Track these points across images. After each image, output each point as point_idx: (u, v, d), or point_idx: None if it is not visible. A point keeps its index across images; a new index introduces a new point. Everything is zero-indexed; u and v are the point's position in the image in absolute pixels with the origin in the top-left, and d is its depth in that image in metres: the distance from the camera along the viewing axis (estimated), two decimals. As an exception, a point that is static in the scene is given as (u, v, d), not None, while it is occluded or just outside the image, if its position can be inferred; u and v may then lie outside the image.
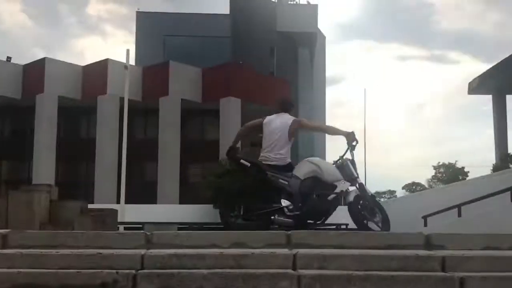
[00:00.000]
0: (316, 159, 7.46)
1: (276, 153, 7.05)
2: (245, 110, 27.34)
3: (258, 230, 5.48)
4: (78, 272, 4.14)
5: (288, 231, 4.93)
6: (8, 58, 28.85)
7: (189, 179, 28.98)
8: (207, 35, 33.98)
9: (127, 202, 19.02)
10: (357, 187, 7.01)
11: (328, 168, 7.09)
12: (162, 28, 34.65)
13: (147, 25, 35.68)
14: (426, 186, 39.20)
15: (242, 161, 7.16)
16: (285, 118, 7.25)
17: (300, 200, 6.83)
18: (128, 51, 20.84)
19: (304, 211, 6.81)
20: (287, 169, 7.04)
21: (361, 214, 6.85)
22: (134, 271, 4.20)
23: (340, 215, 7.42)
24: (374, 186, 52.76)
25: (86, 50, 73.69)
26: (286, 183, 6.90)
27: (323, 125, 7.44)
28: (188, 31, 34.13)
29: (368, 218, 6.83)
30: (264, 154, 7.11)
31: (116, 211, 9.85)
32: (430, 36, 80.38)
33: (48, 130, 27.29)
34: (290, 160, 7.19)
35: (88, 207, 9.49)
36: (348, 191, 6.93)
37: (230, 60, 31.47)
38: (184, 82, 28.32)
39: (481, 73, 38.71)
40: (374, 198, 7.41)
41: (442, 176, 39.54)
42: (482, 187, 12.61)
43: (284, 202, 6.84)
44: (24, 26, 73.87)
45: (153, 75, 28.67)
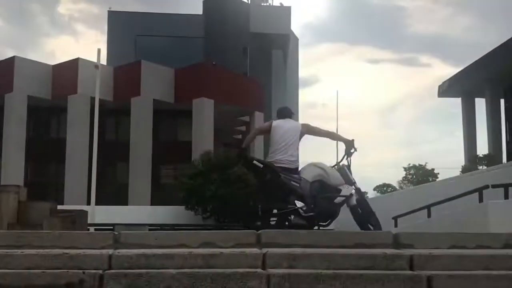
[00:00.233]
0: (321, 163, 7.74)
1: (289, 155, 7.32)
2: (218, 111, 27.29)
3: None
4: (43, 272, 4.06)
5: (257, 231, 4.93)
6: (-23, 57, 28.36)
7: (161, 180, 28.74)
8: (180, 35, 33.89)
9: (97, 203, 18.75)
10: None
11: (333, 172, 7.48)
12: (134, 28, 34.45)
13: (119, 24, 35.44)
14: (397, 187, 39.54)
15: (255, 162, 7.34)
16: (293, 123, 7.61)
17: (312, 202, 7.09)
18: (99, 50, 20.57)
19: (317, 212, 7.09)
20: (296, 172, 7.31)
21: (363, 216, 7.33)
22: (101, 271, 4.15)
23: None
24: (345, 187, 52.87)
25: (57, 50, 72.69)
26: (298, 185, 7.14)
27: (327, 130, 7.83)
28: (161, 31, 33.98)
29: (368, 220, 7.29)
30: (276, 157, 7.31)
31: (86, 212, 9.68)
32: (401, 39, 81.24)
33: (17, 129, 26.83)
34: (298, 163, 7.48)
35: (58, 208, 9.33)
36: (352, 195, 7.35)
37: (203, 61, 31.38)
38: (156, 82, 28.10)
39: (450, 76, 39.38)
40: (367, 202, 7.87)
41: (412, 177, 39.92)
42: (451, 188, 12.75)
43: (299, 204, 7.07)
44: (-7, 24, 72.52)
45: (124, 75, 28.35)
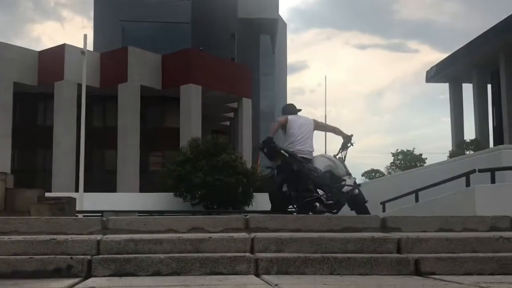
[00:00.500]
0: (328, 155, 8.37)
1: (308, 146, 7.89)
2: (205, 97, 27.24)
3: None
4: (30, 258, 4.04)
5: (246, 215, 4.95)
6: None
7: (149, 167, 28.69)
8: (167, 21, 33.63)
9: (86, 190, 18.69)
10: None
11: (339, 163, 8.07)
12: (120, 14, 34.12)
13: (105, 10, 35.08)
14: (385, 173, 39.78)
15: (282, 151, 7.76)
16: (306, 118, 8.18)
17: (329, 191, 7.65)
18: (85, 36, 20.37)
19: (335, 200, 7.65)
20: (311, 162, 7.84)
21: (361, 206, 7.97)
22: (89, 257, 4.14)
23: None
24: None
25: (44, 36, 72.00)
26: (316, 175, 7.65)
27: (333, 126, 8.70)
28: (148, 17, 33.71)
29: (364, 210, 7.91)
30: (295, 147, 7.82)
31: (74, 199, 9.63)
32: (389, 25, 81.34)
33: (3, 116, 26.61)
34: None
35: (46, 195, 9.28)
36: (356, 184, 8.02)
37: (190, 46, 31.20)
38: (143, 68, 27.93)
39: (438, 62, 39.50)
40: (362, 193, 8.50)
41: (401, 163, 40.19)
42: (439, 173, 12.80)
43: (320, 192, 7.59)
44: (-23, 10, 71.51)
45: (111, 61, 28.13)
